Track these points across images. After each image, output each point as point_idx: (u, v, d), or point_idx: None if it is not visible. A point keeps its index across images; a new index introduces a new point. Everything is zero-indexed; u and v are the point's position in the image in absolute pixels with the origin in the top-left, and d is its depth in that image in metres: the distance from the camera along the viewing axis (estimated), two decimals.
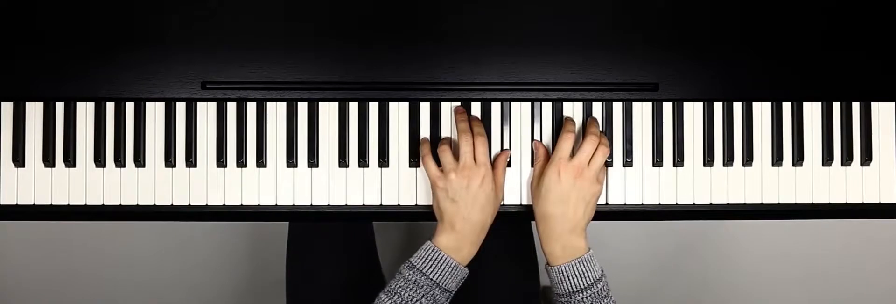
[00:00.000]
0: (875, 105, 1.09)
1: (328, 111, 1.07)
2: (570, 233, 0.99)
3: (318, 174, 1.07)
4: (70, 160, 1.06)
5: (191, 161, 1.06)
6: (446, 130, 1.07)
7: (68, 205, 1.06)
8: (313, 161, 1.06)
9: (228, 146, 1.06)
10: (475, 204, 0.99)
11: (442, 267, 0.97)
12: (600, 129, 1.07)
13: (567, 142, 1.02)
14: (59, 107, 1.06)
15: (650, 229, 1.87)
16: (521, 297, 1.26)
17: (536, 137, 1.07)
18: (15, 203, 1.06)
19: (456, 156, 1.02)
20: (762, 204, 1.08)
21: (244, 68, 1.05)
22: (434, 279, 0.97)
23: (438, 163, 1.03)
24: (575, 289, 0.97)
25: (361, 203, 1.07)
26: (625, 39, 1.06)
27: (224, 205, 1.06)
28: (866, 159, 1.08)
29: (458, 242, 0.99)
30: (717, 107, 1.08)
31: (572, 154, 1.02)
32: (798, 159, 1.08)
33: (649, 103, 1.08)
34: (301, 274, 1.25)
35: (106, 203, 1.06)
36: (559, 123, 1.07)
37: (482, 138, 1.02)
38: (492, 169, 1.02)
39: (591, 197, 1.00)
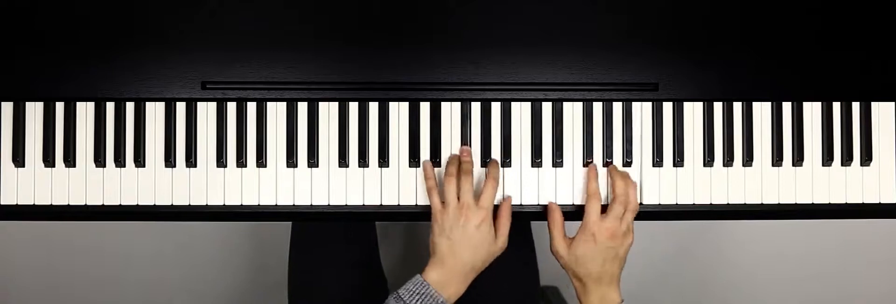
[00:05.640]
0: (875, 105, 1.09)
1: (328, 111, 1.07)
2: (608, 286, 1.03)
3: (318, 174, 1.07)
4: (70, 160, 1.06)
5: (191, 161, 1.06)
6: (446, 130, 1.07)
7: (68, 205, 1.06)
8: (313, 161, 1.06)
9: (228, 146, 1.06)
10: (468, 244, 0.99)
11: (429, 302, 0.98)
12: (611, 161, 1.08)
13: (595, 204, 1.03)
14: (59, 107, 1.06)
15: (649, 228, 1.86)
16: (520, 297, 1.26)
17: (540, 137, 1.07)
18: (15, 203, 1.06)
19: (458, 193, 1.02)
20: (762, 204, 1.08)
21: (244, 68, 1.05)
22: None
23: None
24: None
25: (361, 203, 1.07)
26: (625, 39, 1.06)
27: (224, 205, 1.06)
28: (866, 159, 1.08)
29: (447, 278, 0.99)
30: (717, 107, 1.08)
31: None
32: (798, 159, 1.08)
33: (649, 103, 1.08)
34: (303, 275, 1.25)
35: (106, 203, 1.06)
36: (559, 123, 1.07)
37: (494, 183, 1.02)
38: (495, 216, 1.02)
39: (624, 250, 1.03)
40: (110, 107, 1.06)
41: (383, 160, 1.06)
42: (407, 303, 0.97)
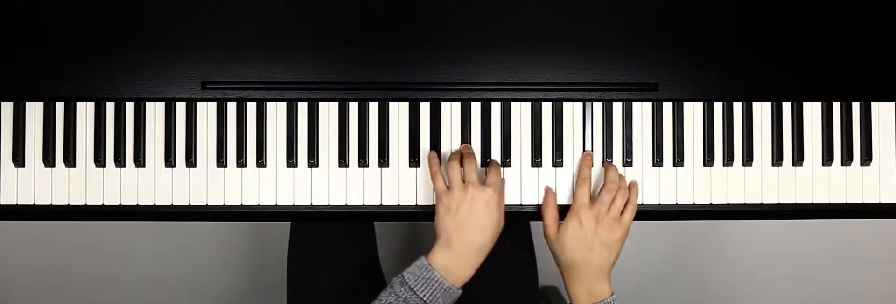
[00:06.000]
0: (875, 105, 1.09)
1: (328, 111, 1.07)
2: (595, 278, 1.00)
3: (318, 174, 1.07)
4: (70, 160, 1.06)
5: (191, 161, 1.06)
6: (446, 130, 1.07)
7: (68, 205, 1.06)
8: (313, 161, 1.06)
9: (228, 146, 1.06)
10: (476, 223, 0.98)
11: (434, 287, 0.96)
12: (612, 162, 1.08)
13: (584, 188, 1.03)
14: (59, 107, 1.06)
15: (649, 228, 1.87)
16: (520, 297, 1.26)
17: (540, 137, 1.08)
18: (15, 203, 1.06)
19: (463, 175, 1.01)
20: (762, 204, 1.08)
21: (244, 68, 1.05)
22: (425, 298, 0.95)
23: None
24: None
25: (361, 203, 1.07)
26: (625, 39, 1.06)
27: (224, 205, 1.06)
28: (866, 159, 1.08)
29: (453, 261, 0.97)
30: (717, 107, 1.08)
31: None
32: (798, 159, 1.08)
33: (649, 103, 1.08)
34: (302, 275, 1.25)
35: (106, 203, 1.06)
36: (559, 123, 1.07)
37: (496, 164, 1.03)
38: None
39: (614, 242, 1.01)
40: (110, 107, 1.06)
41: (383, 160, 1.06)
42: (412, 288, 0.95)
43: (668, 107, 1.08)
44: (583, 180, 1.04)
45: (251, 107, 1.07)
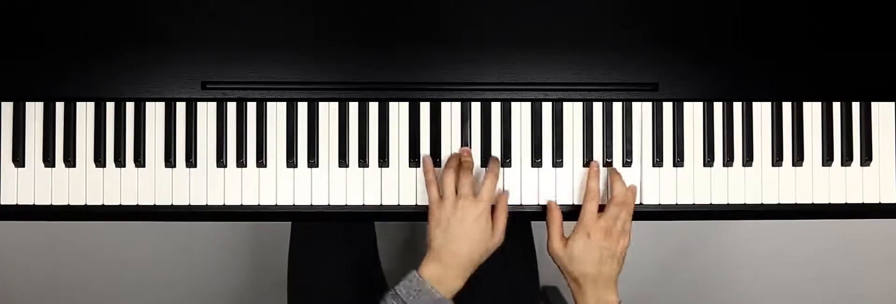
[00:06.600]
0: (875, 105, 1.09)
1: (328, 111, 1.07)
2: (604, 288, 1.01)
3: (318, 174, 1.07)
4: (70, 160, 1.06)
5: (191, 161, 1.06)
6: (446, 130, 1.07)
7: (68, 205, 1.06)
8: (313, 161, 1.06)
9: (228, 146, 1.06)
10: (465, 238, 0.98)
11: (425, 299, 0.96)
12: (610, 163, 1.07)
13: (593, 204, 1.03)
14: (59, 107, 1.06)
15: (650, 228, 1.86)
16: (521, 297, 1.26)
17: (540, 137, 1.07)
18: (15, 203, 1.06)
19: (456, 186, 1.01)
20: (762, 204, 1.08)
21: (244, 68, 1.05)
22: None
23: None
24: None
25: (361, 203, 1.07)
26: (625, 39, 1.06)
27: (224, 205, 1.06)
28: (866, 159, 1.08)
29: (443, 273, 0.98)
30: (717, 107, 1.08)
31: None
32: (798, 159, 1.08)
33: (649, 103, 1.08)
34: (303, 275, 1.25)
35: (106, 203, 1.06)
36: (559, 123, 1.07)
37: (494, 177, 1.02)
38: (493, 210, 1.01)
39: (621, 252, 1.02)
40: (110, 107, 1.06)
41: (383, 160, 1.06)
42: (404, 301, 0.96)
43: (668, 107, 1.08)
44: (592, 194, 1.03)
45: (251, 107, 1.07)
